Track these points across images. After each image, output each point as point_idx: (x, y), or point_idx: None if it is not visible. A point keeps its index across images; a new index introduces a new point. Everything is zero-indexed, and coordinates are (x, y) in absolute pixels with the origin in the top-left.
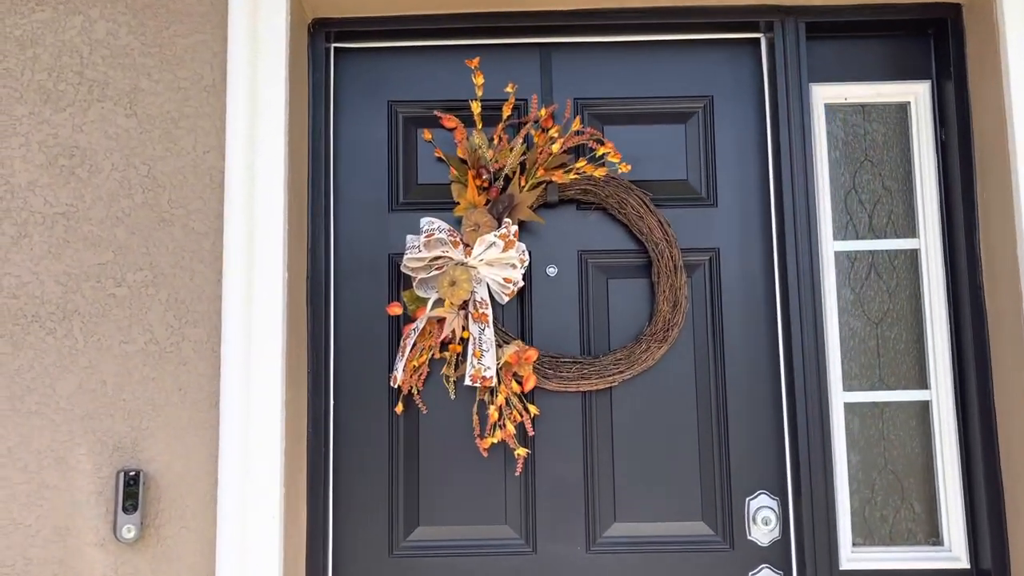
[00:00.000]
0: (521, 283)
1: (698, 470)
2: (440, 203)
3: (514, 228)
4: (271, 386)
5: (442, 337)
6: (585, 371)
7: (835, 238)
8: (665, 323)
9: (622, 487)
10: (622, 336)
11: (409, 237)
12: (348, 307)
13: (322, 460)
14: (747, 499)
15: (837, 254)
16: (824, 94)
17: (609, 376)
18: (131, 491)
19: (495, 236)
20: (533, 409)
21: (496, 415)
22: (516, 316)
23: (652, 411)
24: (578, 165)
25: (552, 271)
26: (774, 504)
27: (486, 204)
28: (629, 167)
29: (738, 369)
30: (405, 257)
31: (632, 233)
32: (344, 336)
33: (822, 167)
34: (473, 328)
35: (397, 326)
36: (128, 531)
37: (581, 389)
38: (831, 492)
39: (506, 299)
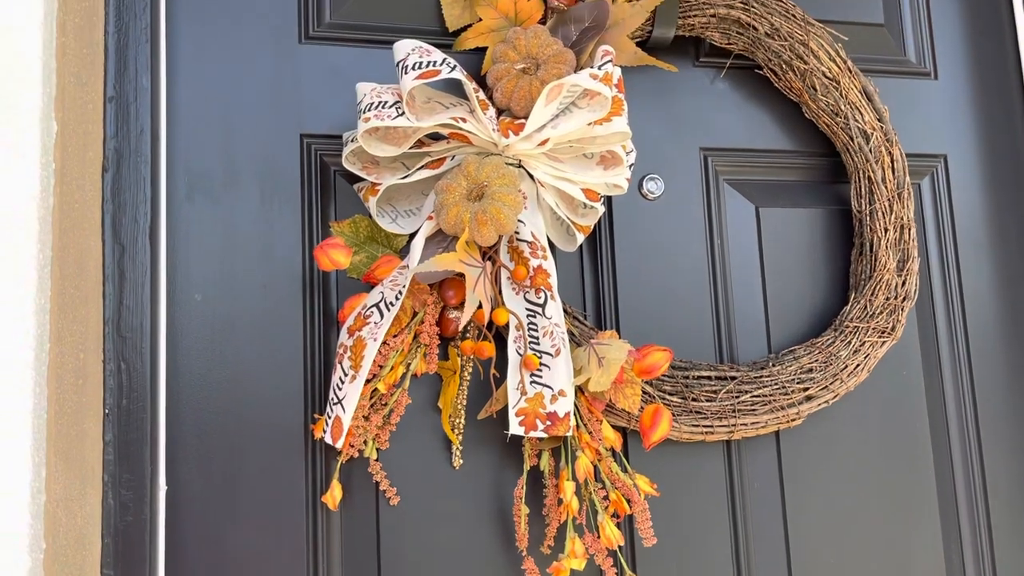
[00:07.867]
0: (601, 208)
1: None
2: (414, 29)
3: (617, 71)
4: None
5: (448, 324)
6: (742, 394)
7: None
8: (889, 294)
9: None
10: (788, 324)
11: (364, 89)
12: (202, 256)
13: None
14: None
15: None
16: None
17: (788, 406)
18: None
19: (590, 77)
20: (646, 485)
21: (575, 504)
22: (578, 279)
23: (858, 474)
24: None
25: (654, 188)
26: None
27: (544, 21)
28: None
29: (998, 391)
30: (360, 129)
31: (804, 118)
32: (191, 327)
33: None
34: (514, 304)
35: (325, 300)
36: None
37: (734, 435)
38: None
39: (578, 241)
